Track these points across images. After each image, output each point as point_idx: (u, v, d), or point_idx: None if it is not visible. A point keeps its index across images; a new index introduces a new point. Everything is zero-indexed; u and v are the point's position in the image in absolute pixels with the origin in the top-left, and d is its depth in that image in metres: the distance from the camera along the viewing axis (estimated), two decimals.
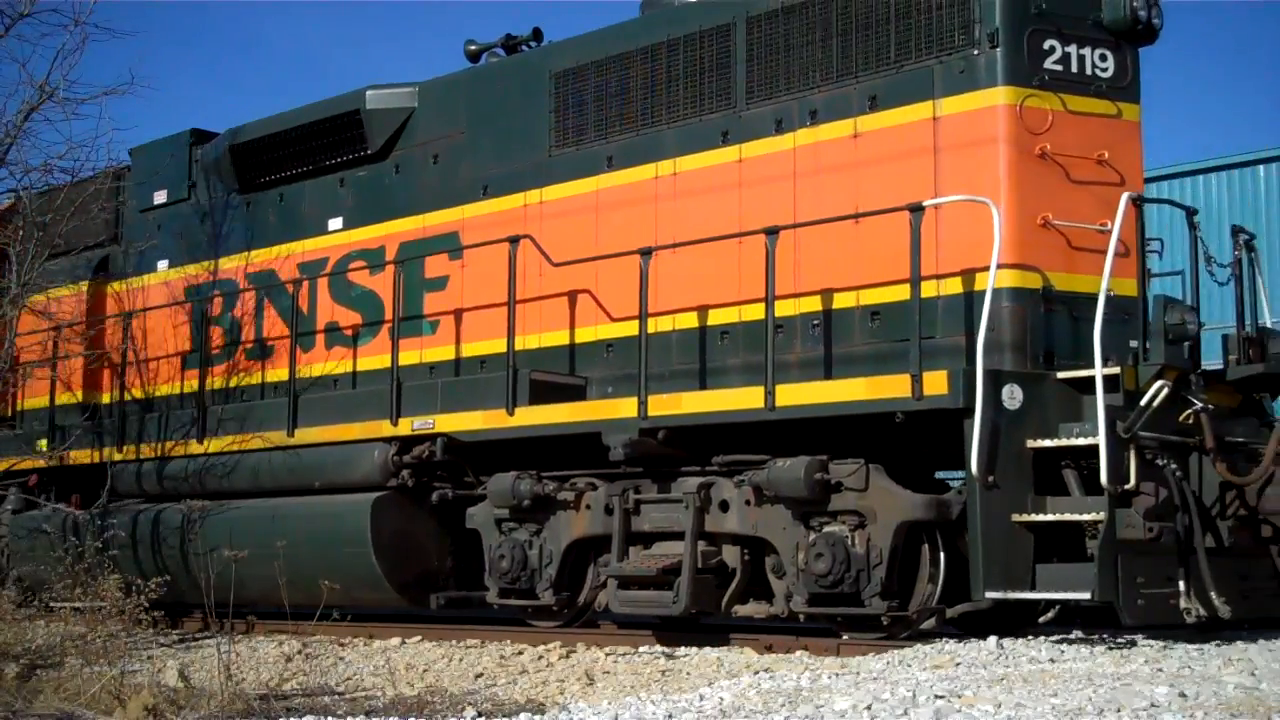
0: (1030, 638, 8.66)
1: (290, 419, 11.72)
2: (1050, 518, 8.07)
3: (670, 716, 6.20)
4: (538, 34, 11.58)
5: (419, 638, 11.01)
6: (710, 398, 9.50)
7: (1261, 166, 20.36)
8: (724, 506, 9.42)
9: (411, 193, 11.77)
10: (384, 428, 11.04)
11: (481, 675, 9.29)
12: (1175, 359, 8.30)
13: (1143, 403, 8.03)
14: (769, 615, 9.53)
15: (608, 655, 9.65)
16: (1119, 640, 8.48)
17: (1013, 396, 8.12)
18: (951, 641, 8.51)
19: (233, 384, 12.77)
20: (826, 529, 8.88)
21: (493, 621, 11.50)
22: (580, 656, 9.76)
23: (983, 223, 8.36)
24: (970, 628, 9.16)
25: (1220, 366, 9.13)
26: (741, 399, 9.18)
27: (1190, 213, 9.28)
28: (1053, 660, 7.71)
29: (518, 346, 10.41)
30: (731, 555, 9.55)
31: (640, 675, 8.88)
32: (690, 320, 9.95)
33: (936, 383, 8.24)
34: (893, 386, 8.47)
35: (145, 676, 8.34)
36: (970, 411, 8.04)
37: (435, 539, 11.14)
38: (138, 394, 13.56)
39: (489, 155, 11.28)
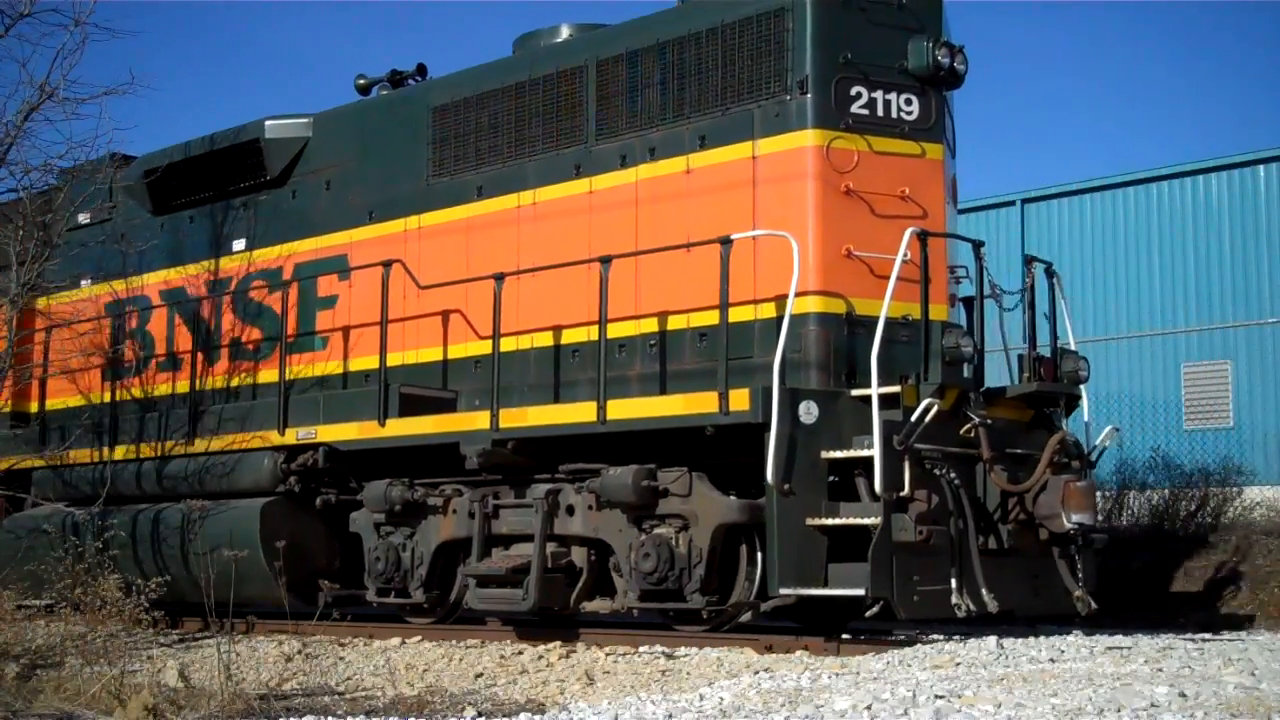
0: (1030, 637, 8.69)
1: (191, 427, 12.58)
2: (837, 522, 8.85)
3: (670, 716, 6.20)
4: (422, 70, 12.45)
5: (419, 638, 11.02)
6: (552, 411, 10.32)
7: (1261, 166, 20.37)
8: (570, 511, 10.20)
9: (306, 217, 12.61)
10: (273, 437, 11.91)
11: (481, 675, 9.29)
12: (953, 378, 9.15)
13: (914, 418, 8.73)
14: (612, 610, 10.29)
15: (608, 655, 9.66)
16: (1112, 642, 8.50)
17: (809, 412, 8.92)
18: (951, 642, 8.52)
19: (145, 395, 13.57)
20: (655, 531, 9.65)
21: (492, 622, 11.56)
22: (580, 656, 9.76)
23: (805, 253, 9.23)
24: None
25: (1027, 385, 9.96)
26: (578, 413, 10.01)
27: (977, 245, 9.90)
28: (1053, 660, 7.71)
29: (399, 362, 11.43)
30: (579, 555, 10.30)
31: (640, 675, 8.88)
32: (546, 339, 10.71)
33: (740, 400, 9.02)
34: (705, 403, 9.26)
35: (145, 676, 8.35)
36: (769, 425, 8.77)
37: (323, 541, 11.82)
38: (61, 404, 14.38)
39: (375, 182, 12.11)
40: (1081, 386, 10.16)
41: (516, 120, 11.13)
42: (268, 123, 12.66)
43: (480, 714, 7.42)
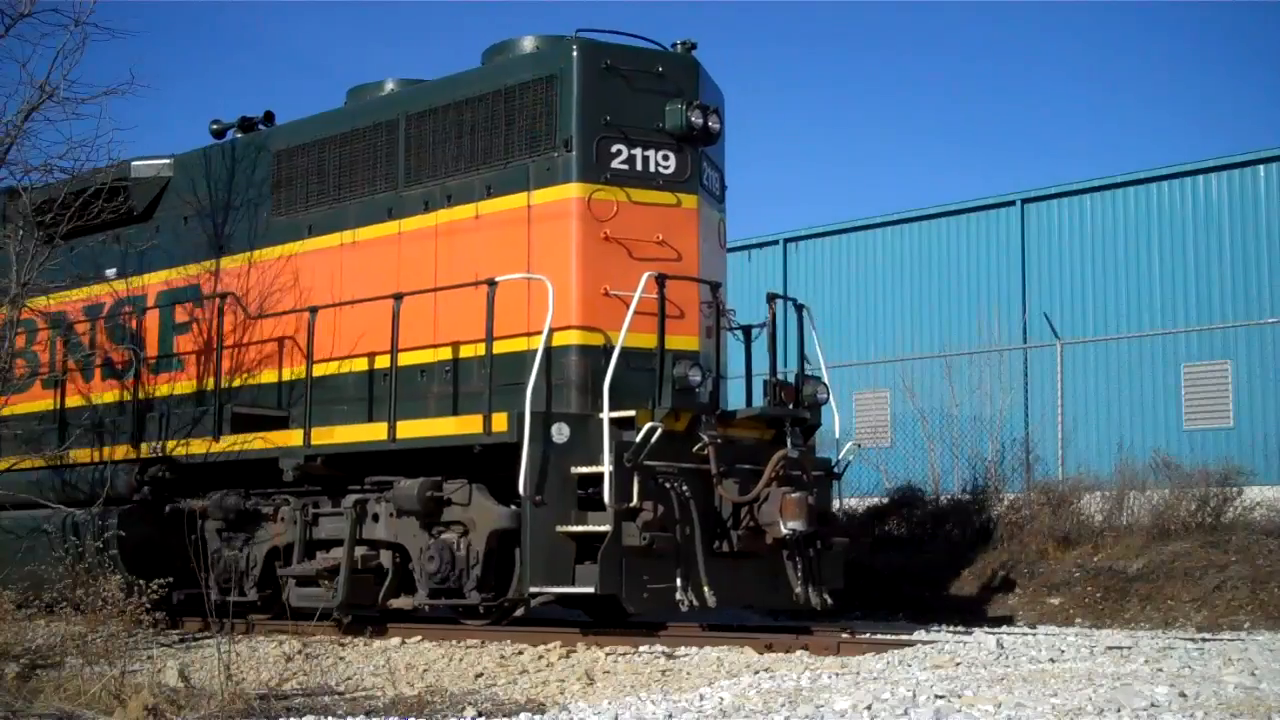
0: (1030, 637, 8.69)
1: (59, 440, 13.60)
2: (579, 529, 9.98)
3: (670, 716, 6.20)
4: (269, 116, 13.37)
5: (419, 638, 11.02)
6: (354, 430, 11.42)
7: (1261, 166, 20.37)
8: (375, 518, 11.29)
9: (168, 249, 13.61)
10: (129, 451, 13.05)
11: (481, 675, 9.29)
12: (684, 403, 10.28)
13: (638, 439, 9.87)
14: (413, 606, 11.26)
15: (608, 655, 9.66)
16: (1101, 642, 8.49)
17: (560, 433, 10.08)
18: (951, 642, 8.52)
19: (27, 410, 14.44)
20: (442, 536, 10.75)
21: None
22: (580, 656, 9.77)
23: (562, 292, 10.39)
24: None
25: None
26: (373, 432, 11.21)
27: (714, 286, 11.06)
28: (1053, 660, 7.72)
29: (244, 383, 12.70)
30: (386, 558, 11.33)
31: (640, 675, 8.88)
32: (362, 364, 11.79)
33: (500, 422, 10.23)
34: (472, 424, 10.44)
35: (145, 676, 8.32)
36: (523, 445, 9.95)
37: (172, 545, 12.17)
38: None
39: (225, 219, 13.21)
40: (824, 407, 11.56)
41: (342, 166, 12.29)
42: (134, 163, 13.68)
43: (480, 714, 7.42)
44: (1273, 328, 19.05)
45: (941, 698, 6.14)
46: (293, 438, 11.71)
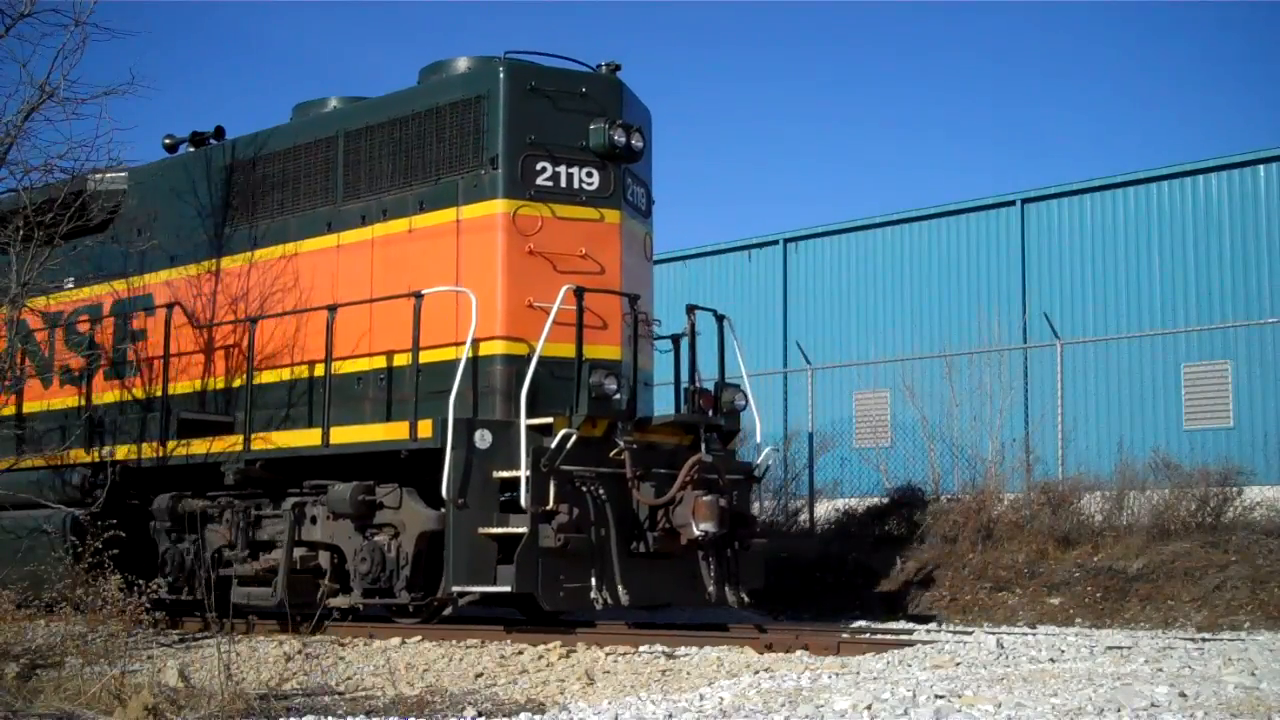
0: (1030, 637, 8.69)
1: (17, 444, 14.06)
2: (499, 530, 10.39)
3: (670, 716, 6.20)
4: (219, 132, 13.64)
5: (419, 638, 11.02)
6: (290, 436, 11.87)
7: (1261, 166, 20.37)
8: (313, 520, 11.67)
9: (123, 260, 13.96)
10: (83, 455, 13.42)
11: (481, 675, 9.29)
12: (600, 410, 10.62)
13: (553, 445, 10.30)
14: (350, 605, 11.52)
15: (608, 655, 9.66)
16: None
17: (483, 439, 10.44)
18: (951, 641, 8.52)
19: None
20: (374, 538, 11.14)
21: (493, 622, 11.60)
22: (580, 656, 9.77)
23: (488, 304, 10.85)
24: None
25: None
26: (308, 438, 11.65)
27: (633, 299, 11.38)
28: (1053, 660, 7.72)
29: (193, 389, 13.10)
30: (325, 559, 11.69)
31: (640, 675, 8.88)
32: (304, 372, 12.20)
33: (425, 428, 10.64)
34: (399, 431, 10.89)
35: (145, 676, 8.33)
36: (446, 450, 10.35)
37: (126, 545, 12.52)
38: None
39: (178, 231, 13.53)
40: (743, 414, 11.99)
41: (286, 181, 12.73)
42: (91, 176, 13.78)
43: (480, 714, 7.41)
44: (1273, 328, 19.05)
45: (941, 698, 6.14)
46: (234, 443, 12.14)
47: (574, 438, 10.35)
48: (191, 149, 13.81)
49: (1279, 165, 20.20)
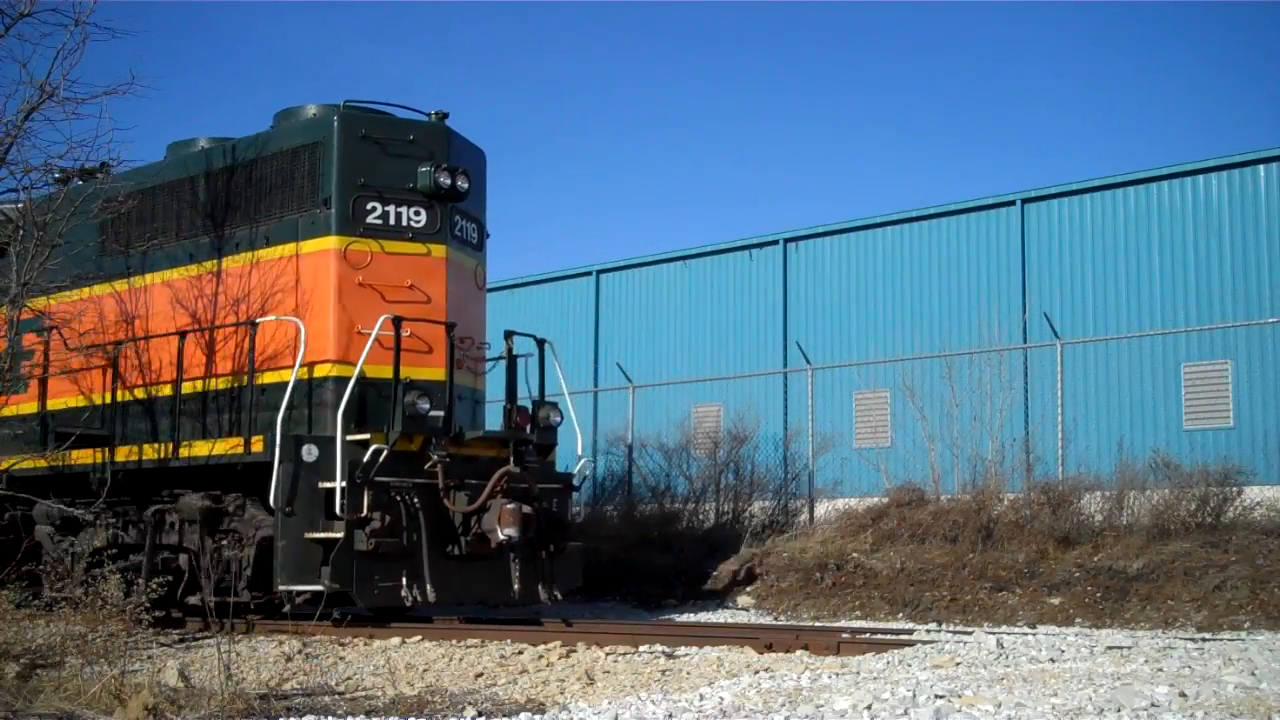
0: (1030, 637, 8.68)
1: None
2: (321, 535, 11.40)
3: (670, 716, 6.20)
4: (105, 166, 14.04)
5: (419, 638, 11.02)
6: (146, 450, 12.89)
7: (1261, 166, 20.36)
8: (171, 526, 12.64)
9: (19, 284, 14.67)
10: None
11: (481, 675, 9.29)
12: (415, 427, 11.72)
13: (366, 459, 11.44)
14: (200, 602, 12.21)
15: (608, 655, 9.66)
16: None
17: (310, 453, 11.52)
18: (951, 641, 8.51)
19: None
20: (222, 543, 12.18)
21: (494, 621, 11.60)
22: (580, 656, 9.76)
23: (322, 331, 12.06)
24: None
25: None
26: (159, 451, 12.79)
27: (450, 326, 12.36)
28: (1053, 660, 7.72)
29: (79, 404, 14.04)
30: (184, 560, 12.64)
31: (640, 675, 8.88)
32: (167, 390, 13.20)
33: (258, 444, 11.79)
34: (237, 445, 12.04)
35: (145, 676, 8.32)
36: (275, 464, 11.42)
37: (13, 548, 13.26)
38: None
39: (66, 258, 13.96)
40: (558, 430, 13.16)
41: (156, 214, 13.70)
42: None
43: (480, 714, 7.41)
44: (1273, 328, 19.04)
45: (941, 697, 6.14)
46: (99, 456, 13.29)
47: (385, 452, 11.46)
48: (80, 181, 14.22)
49: (1279, 165, 20.20)
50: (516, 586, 12.11)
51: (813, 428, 19.53)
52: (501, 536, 11.67)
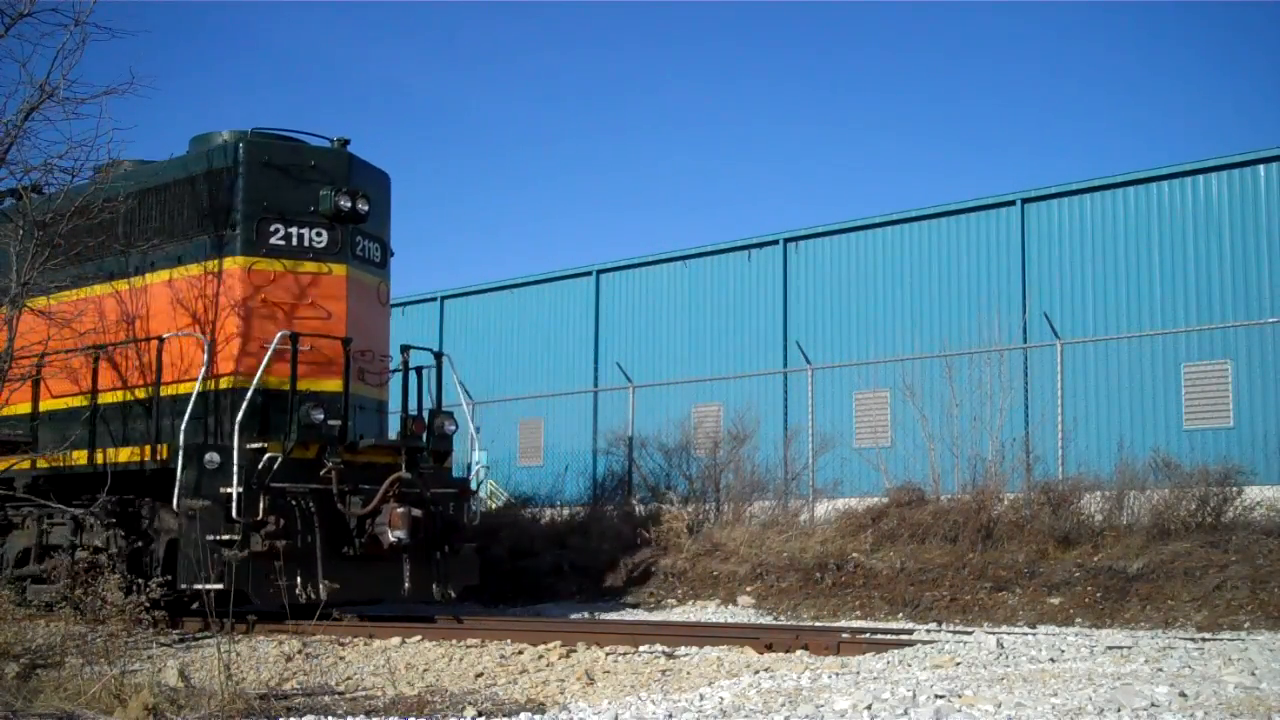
0: (1030, 637, 8.68)
1: None
2: (221, 537, 11.96)
3: (670, 716, 6.20)
4: (37, 187, 14.39)
5: (419, 637, 11.01)
6: (68, 456, 13.53)
7: (1261, 166, 20.37)
8: (91, 527, 13.08)
9: None
10: None
11: (481, 675, 9.29)
12: (310, 436, 12.42)
13: (262, 465, 12.17)
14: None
15: (608, 655, 9.65)
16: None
17: (212, 460, 12.15)
18: (951, 641, 8.51)
19: None
20: (136, 543, 12.80)
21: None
22: (580, 656, 9.76)
23: (229, 345, 12.83)
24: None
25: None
26: (79, 458, 13.47)
27: (344, 342, 12.93)
28: (1053, 660, 7.71)
29: (7, 412, 14.19)
30: (104, 559, 12.70)
31: (640, 675, 8.88)
32: (85, 400, 13.77)
33: (163, 451, 12.59)
34: (146, 453, 12.77)
35: (145, 676, 8.32)
36: (178, 470, 12.11)
37: None
38: None
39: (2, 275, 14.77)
40: (454, 438, 13.93)
41: (80, 234, 13.76)
42: None
43: (480, 714, 7.41)
44: (1273, 328, 19.05)
45: (941, 697, 6.13)
46: (24, 462, 13.90)
47: (280, 460, 12.18)
48: (13, 201, 14.52)
49: (1279, 165, 20.20)
50: (407, 585, 12.79)
51: (813, 427, 19.53)
52: (392, 538, 12.35)
